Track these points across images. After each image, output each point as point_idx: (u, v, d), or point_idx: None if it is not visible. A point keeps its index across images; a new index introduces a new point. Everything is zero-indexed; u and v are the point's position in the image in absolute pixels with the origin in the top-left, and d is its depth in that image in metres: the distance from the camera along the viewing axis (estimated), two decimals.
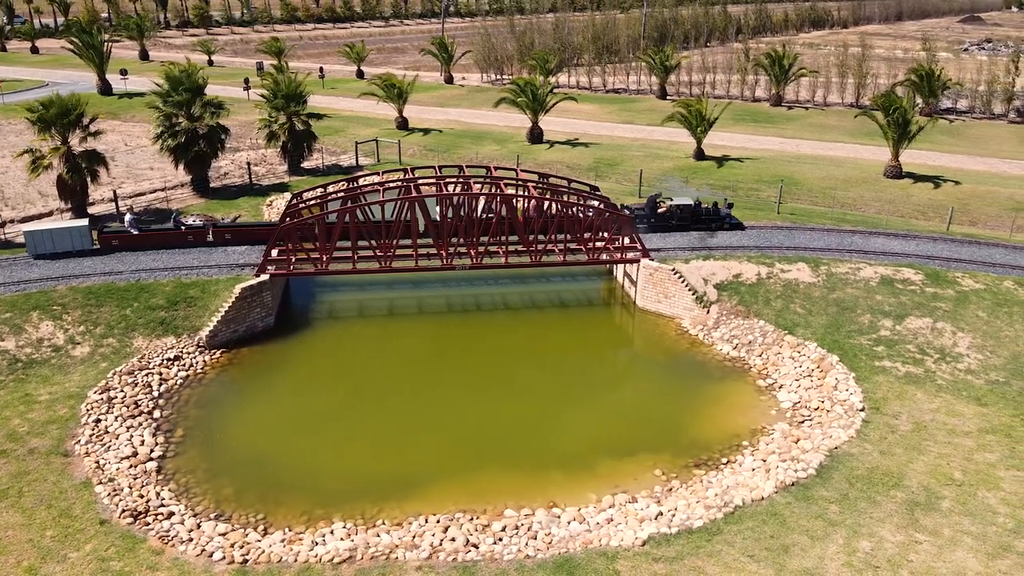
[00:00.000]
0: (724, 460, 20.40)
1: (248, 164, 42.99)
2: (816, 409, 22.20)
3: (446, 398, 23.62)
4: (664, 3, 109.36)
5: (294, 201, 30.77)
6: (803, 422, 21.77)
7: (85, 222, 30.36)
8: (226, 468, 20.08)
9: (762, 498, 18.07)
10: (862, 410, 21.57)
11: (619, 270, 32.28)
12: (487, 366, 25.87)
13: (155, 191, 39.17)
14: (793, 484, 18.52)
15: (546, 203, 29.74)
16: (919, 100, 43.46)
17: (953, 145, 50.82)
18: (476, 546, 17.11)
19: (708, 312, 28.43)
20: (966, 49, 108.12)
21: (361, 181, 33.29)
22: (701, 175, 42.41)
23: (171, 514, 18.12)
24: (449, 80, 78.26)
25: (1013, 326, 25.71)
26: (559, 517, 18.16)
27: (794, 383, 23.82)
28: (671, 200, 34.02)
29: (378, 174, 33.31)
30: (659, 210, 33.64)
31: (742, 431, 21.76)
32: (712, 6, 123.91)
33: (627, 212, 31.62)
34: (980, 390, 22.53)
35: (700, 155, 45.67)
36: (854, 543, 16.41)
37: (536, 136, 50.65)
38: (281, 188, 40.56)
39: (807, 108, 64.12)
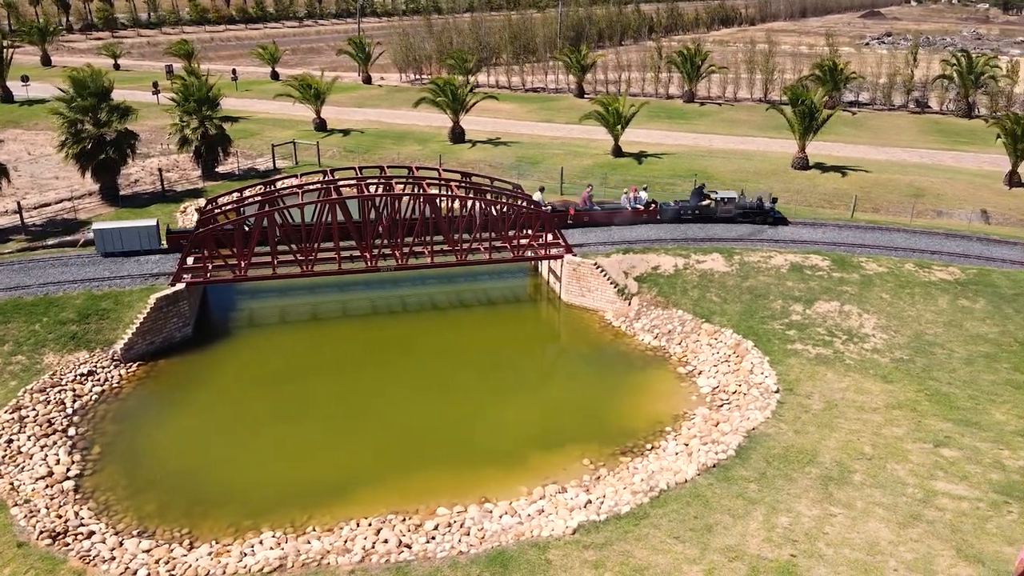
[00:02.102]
0: (649, 446, 20.98)
1: (160, 170, 41.70)
2: (734, 393, 23.06)
3: (375, 401, 23.51)
4: (579, 2, 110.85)
5: (209, 207, 30.06)
6: (722, 406, 22.58)
7: (154, 221, 30.54)
8: (147, 484, 19.50)
9: (686, 481, 18.67)
10: (777, 392, 22.51)
11: (544, 266, 32.70)
12: (416, 367, 25.83)
13: (61, 201, 37.55)
14: (714, 466, 19.19)
15: (470, 202, 29.87)
16: (824, 94, 45.38)
17: (856, 136, 53.30)
18: (409, 546, 17.14)
19: (629, 304, 29.11)
20: (867, 43, 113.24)
21: (279, 184, 32.70)
22: (620, 171, 43.29)
23: (91, 533, 17.52)
24: (367, 80, 77.50)
25: (915, 306, 27.23)
26: (491, 512, 18.35)
27: (712, 369, 24.67)
28: (716, 193, 34.70)
29: (296, 176, 32.81)
30: (703, 202, 34.27)
31: (665, 417, 22.42)
32: (625, 5, 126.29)
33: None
34: (886, 368, 23.77)
35: (618, 152, 46.59)
36: (773, 519, 17.13)
37: (458, 135, 50.72)
38: (195, 194, 39.48)
39: (719, 104, 66.11)
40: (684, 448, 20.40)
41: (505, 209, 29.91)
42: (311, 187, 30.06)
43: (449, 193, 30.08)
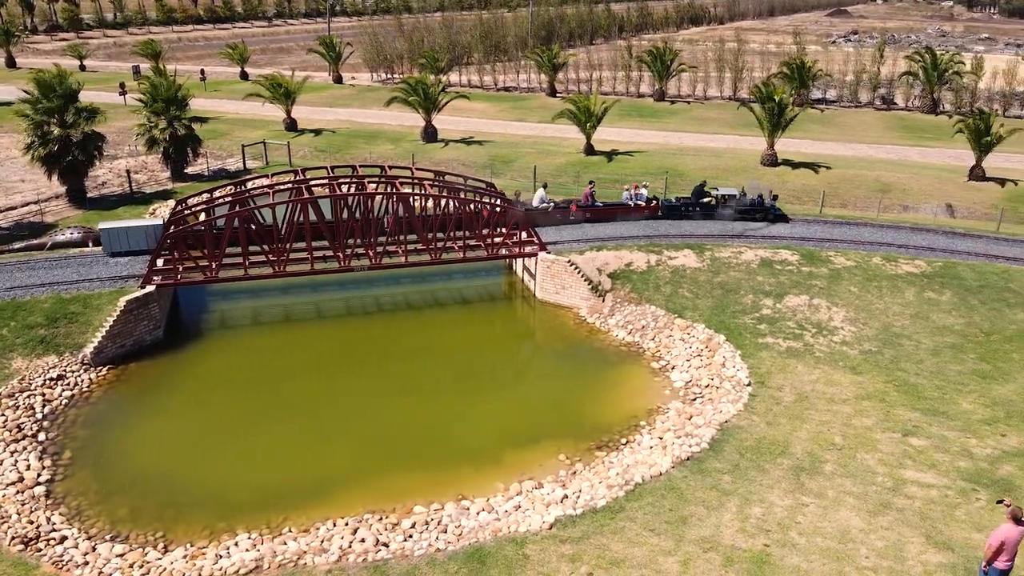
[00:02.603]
0: (624, 440, 21.15)
1: (128, 172, 41.19)
2: (706, 386, 23.32)
3: (350, 402, 23.44)
4: (549, 2, 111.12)
5: (179, 208, 29.75)
6: (695, 399, 22.83)
7: (159, 221, 30.37)
8: (120, 488, 19.28)
9: (660, 474, 18.86)
10: (748, 385, 22.80)
11: (518, 264, 32.80)
12: (391, 367, 25.79)
13: (27, 204, 36.95)
14: (688, 458, 19.40)
15: (443, 201, 29.88)
16: (792, 92, 46.06)
17: (824, 133, 54.08)
18: (386, 545, 17.13)
19: (603, 300, 29.31)
20: (834, 41, 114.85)
21: (250, 184, 32.45)
22: (592, 169, 43.53)
23: (64, 538, 17.28)
24: (338, 80, 77.11)
25: (882, 299, 27.72)
26: (468, 509, 18.38)
27: (685, 363, 24.93)
28: (717, 190, 34.92)
29: (267, 177, 32.58)
30: (704, 199, 34.41)
31: (639, 412, 22.62)
32: (595, 4, 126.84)
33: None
34: (855, 360, 24.18)
35: (590, 150, 46.84)
36: (746, 510, 17.36)
37: (430, 135, 50.66)
38: (164, 195, 39.06)
39: (689, 102, 66.69)
40: (659, 442, 20.60)
41: (479, 208, 29.96)
42: (282, 187, 29.87)
43: (422, 192, 30.06)
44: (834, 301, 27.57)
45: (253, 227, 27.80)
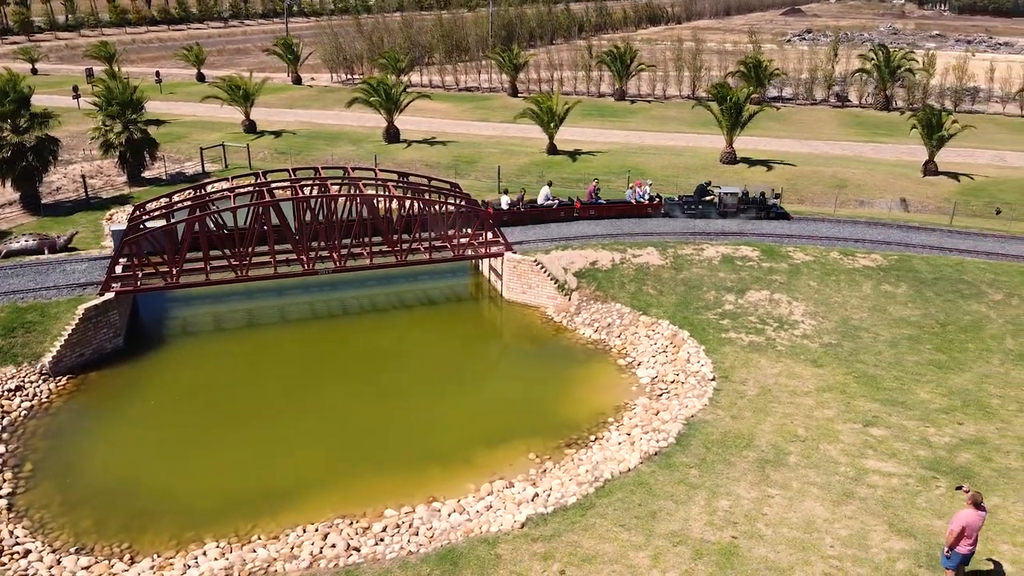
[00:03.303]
0: (593, 437, 21.33)
1: (83, 177, 40.35)
2: (672, 382, 23.62)
3: (317, 406, 23.26)
4: (509, 2, 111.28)
5: (137, 213, 29.21)
6: (661, 395, 23.11)
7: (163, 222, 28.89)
8: (83, 499, 18.89)
9: (629, 469, 19.06)
10: (713, 379, 23.14)
11: (485, 264, 32.84)
12: (358, 370, 25.66)
13: None
14: (656, 453, 19.64)
15: (408, 202, 29.79)
16: (749, 91, 46.81)
17: (781, 130, 55.04)
18: (358, 549, 17.05)
19: (570, 299, 29.50)
20: (789, 40, 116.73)
21: (209, 188, 32.02)
22: (555, 169, 43.75)
23: (27, 552, 16.89)
24: (297, 81, 76.38)
25: (840, 293, 28.33)
26: (439, 511, 18.38)
27: (651, 359, 25.21)
28: (719, 188, 35.20)
29: (227, 180, 32.16)
30: (707, 197, 34.67)
31: (607, 408, 22.83)
32: (555, 4, 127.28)
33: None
34: (815, 353, 24.68)
35: (553, 150, 47.07)
36: (714, 503, 17.63)
37: (393, 135, 50.46)
38: (122, 200, 38.34)
39: (648, 101, 67.36)
40: (627, 438, 20.81)
41: (444, 208, 29.92)
42: (243, 190, 29.51)
43: (386, 193, 29.94)
44: (794, 296, 28.09)
45: (215, 231, 27.40)
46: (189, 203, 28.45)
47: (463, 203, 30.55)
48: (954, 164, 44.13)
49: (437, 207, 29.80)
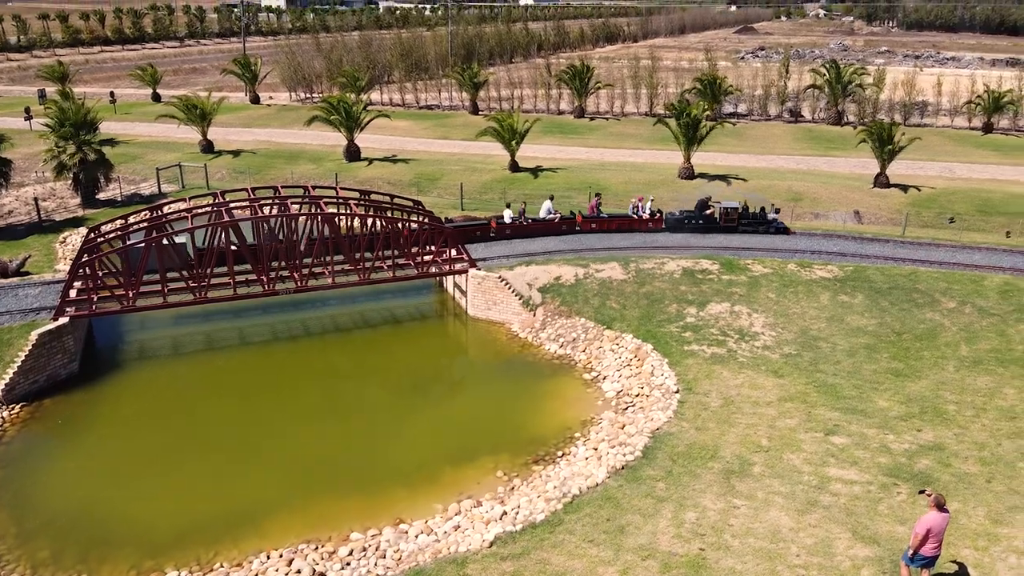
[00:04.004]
0: (560, 453, 21.31)
1: (36, 199, 39.41)
2: (637, 395, 23.75)
3: (279, 429, 22.89)
4: (468, 21, 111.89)
5: (92, 235, 28.59)
6: (627, 408, 23.21)
7: (184, 238, 28.18)
8: (39, 529, 18.29)
9: (597, 484, 19.07)
10: (677, 392, 23.32)
11: (449, 282, 32.76)
12: (320, 391, 25.32)
13: None
14: (623, 467, 19.68)
15: (370, 220, 29.62)
16: (705, 107, 47.66)
17: (737, 146, 56.02)
18: (323, 574, 16.76)
19: (534, 315, 29.55)
20: (743, 57, 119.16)
21: (166, 209, 31.49)
22: (518, 185, 43.93)
23: None
24: (255, 100, 75.74)
25: (799, 304, 28.81)
26: (407, 532, 18.16)
27: (616, 373, 25.34)
28: (720, 203, 35.41)
29: (184, 200, 31.67)
30: (707, 211, 34.84)
31: (574, 423, 22.85)
32: (514, 23, 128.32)
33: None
34: (776, 364, 25.02)
35: (515, 167, 47.28)
36: (681, 515, 17.71)
37: (353, 153, 50.23)
38: (76, 223, 37.52)
39: (607, 119, 68.12)
40: (593, 452, 20.83)
41: (407, 226, 29.82)
42: (200, 210, 29.07)
43: (348, 211, 29.74)
44: (754, 307, 28.48)
45: (172, 252, 26.92)
46: (145, 224, 27.93)
47: (426, 220, 30.49)
48: (905, 176, 45.33)
49: (400, 224, 29.68)
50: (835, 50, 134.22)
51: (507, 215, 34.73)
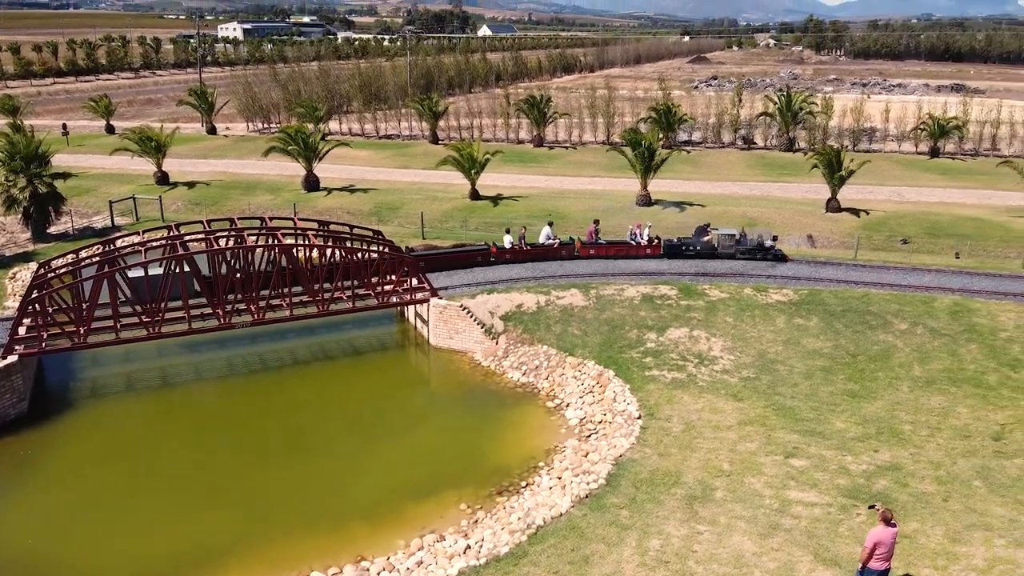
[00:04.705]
0: (524, 483, 21.16)
1: None
2: (600, 422, 23.75)
3: (236, 467, 22.39)
4: (427, 51, 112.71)
5: (41, 271, 27.88)
6: (590, 436, 23.20)
7: None
8: None
9: (561, 514, 18.95)
10: (639, 418, 23.39)
11: (410, 311, 32.56)
12: (279, 426, 24.86)
13: None
14: (587, 496, 19.61)
15: (329, 250, 29.38)
16: (661, 135, 48.55)
17: (692, 173, 56.99)
18: None
19: (497, 343, 29.49)
20: (696, 86, 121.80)
21: (119, 243, 30.91)
22: (479, 214, 44.06)
23: None
24: (212, 131, 75.08)
25: (756, 327, 29.20)
26: (368, 570, 17.82)
27: (579, 400, 25.35)
28: (717, 230, 35.64)
29: (138, 234, 31.11)
30: (705, 238, 35.02)
31: (537, 452, 22.74)
32: (472, 54, 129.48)
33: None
34: (735, 387, 25.27)
35: (475, 195, 47.44)
36: (645, 543, 17.67)
37: (312, 184, 49.95)
38: (26, 258, 36.62)
39: (566, 147, 68.89)
40: (557, 481, 20.73)
41: (367, 256, 29.64)
42: (154, 243, 28.57)
43: (306, 242, 29.48)
44: (712, 332, 28.80)
45: (124, 287, 26.34)
46: (97, 259, 27.34)
47: (386, 250, 30.35)
48: (855, 200, 46.48)
49: (359, 254, 29.50)
50: (785, 79, 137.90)
51: (507, 240, 35.11)
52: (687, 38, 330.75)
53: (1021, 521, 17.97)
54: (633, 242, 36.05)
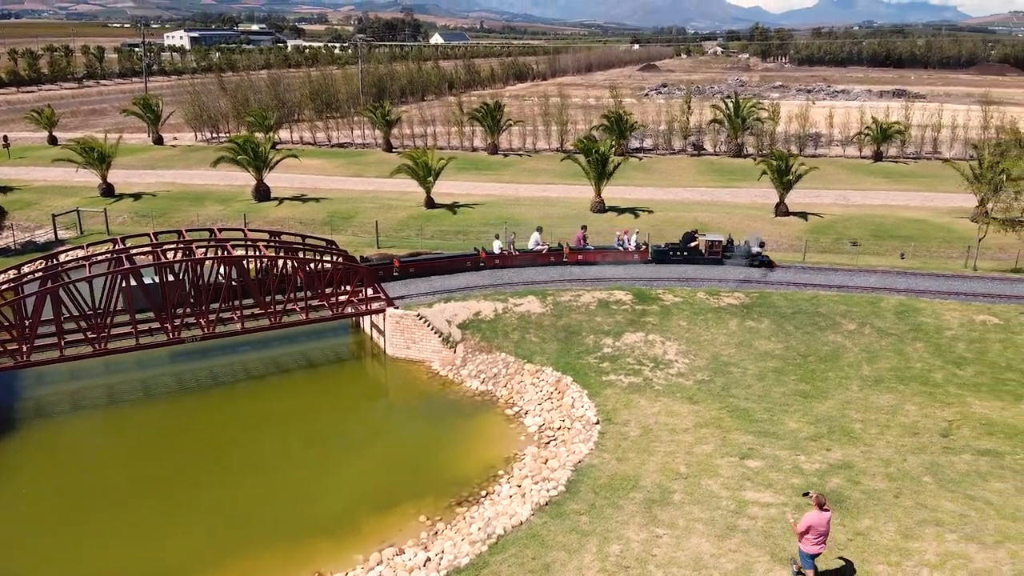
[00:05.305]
0: (484, 493, 21.05)
1: None
2: (559, 428, 23.78)
3: (189, 484, 21.82)
4: (379, 59, 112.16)
5: None
6: (549, 442, 23.20)
7: None
8: None
9: (521, 523, 18.89)
10: (597, 423, 23.48)
11: (366, 322, 32.21)
12: (232, 442, 24.34)
13: None
14: (547, 503, 19.58)
15: (281, 261, 28.92)
16: (613, 143, 49.02)
17: (644, 179, 57.65)
18: None
19: (455, 352, 29.34)
20: (647, 94, 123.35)
21: (63, 257, 30.00)
22: (434, 222, 43.88)
23: None
24: (159, 141, 73.57)
25: (709, 331, 29.58)
26: None
27: (537, 407, 25.35)
28: (705, 236, 35.65)
29: (83, 247, 30.24)
30: (692, 244, 35.04)
31: (497, 461, 22.65)
32: (425, 61, 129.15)
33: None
34: (690, 390, 25.54)
35: (431, 204, 47.26)
36: (605, 548, 17.70)
37: (263, 193, 49.21)
38: None
39: (520, 155, 69.12)
40: (517, 490, 20.67)
41: (319, 266, 29.27)
42: (100, 258, 27.79)
43: (258, 254, 28.98)
44: (667, 336, 29.09)
45: (68, 303, 25.55)
46: (40, 274, 26.46)
47: (340, 259, 30.00)
48: (803, 204, 47.51)
49: (312, 265, 29.10)
50: (733, 86, 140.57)
51: (496, 246, 35.10)
52: (637, 46, 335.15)
53: (971, 516, 18.47)
54: (621, 248, 36.33)
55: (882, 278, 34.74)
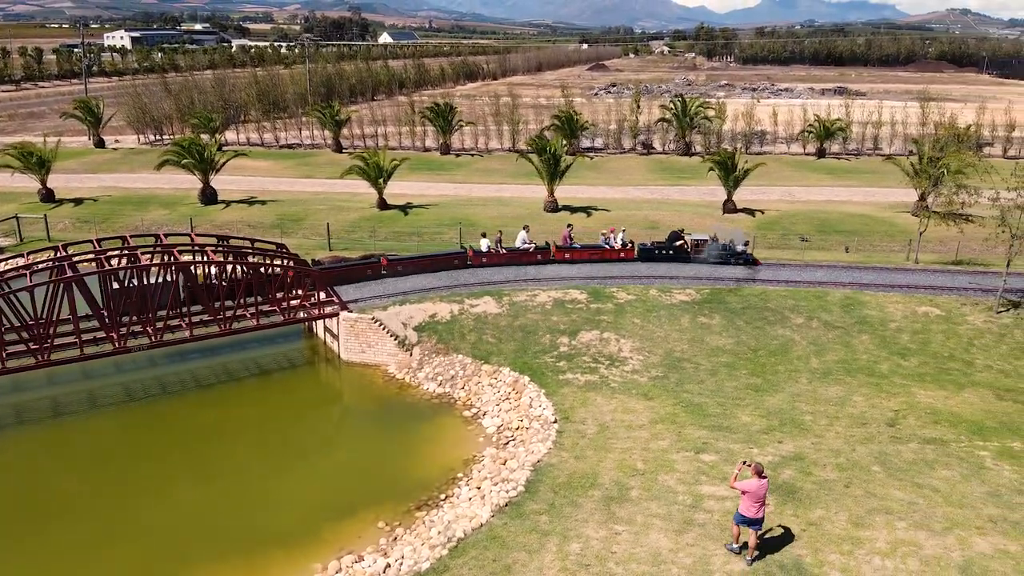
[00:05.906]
0: (443, 496, 20.95)
1: None
2: (517, 429, 23.81)
3: (137, 498, 21.23)
4: (326, 59, 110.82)
5: None
6: (508, 443, 23.21)
7: None
8: None
9: (481, 525, 18.86)
10: (555, 422, 23.58)
11: (319, 326, 31.78)
12: (182, 453, 23.75)
13: None
14: (507, 504, 19.59)
15: (229, 266, 28.36)
16: (564, 142, 49.32)
17: (596, 178, 58.09)
18: None
19: (411, 355, 29.14)
20: (596, 93, 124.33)
21: (2, 266, 28.97)
22: (387, 223, 43.53)
23: None
24: (100, 144, 71.53)
25: (662, 327, 29.94)
26: None
27: (495, 408, 25.35)
28: (691, 235, 35.88)
29: (23, 255, 29.24)
30: (678, 243, 35.17)
31: (456, 463, 22.57)
32: (374, 61, 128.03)
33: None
34: (645, 387, 25.82)
35: (384, 205, 46.87)
36: (565, 547, 17.78)
37: (210, 196, 48.22)
38: None
39: (473, 155, 69.03)
40: (477, 492, 20.62)
41: (269, 271, 28.77)
42: (40, 266, 26.89)
43: (205, 259, 28.37)
44: (621, 333, 29.36)
45: (8, 313, 24.66)
46: None
47: (291, 263, 29.55)
48: (750, 201, 48.41)
49: (262, 269, 28.61)
50: (680, 85, 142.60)
51: (484, 244, 35.05)
52: (586, 46, 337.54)
53: (919, 503, 19.03)
54: (607, 246, 36.50)
55: (828, 272, 35.60)
